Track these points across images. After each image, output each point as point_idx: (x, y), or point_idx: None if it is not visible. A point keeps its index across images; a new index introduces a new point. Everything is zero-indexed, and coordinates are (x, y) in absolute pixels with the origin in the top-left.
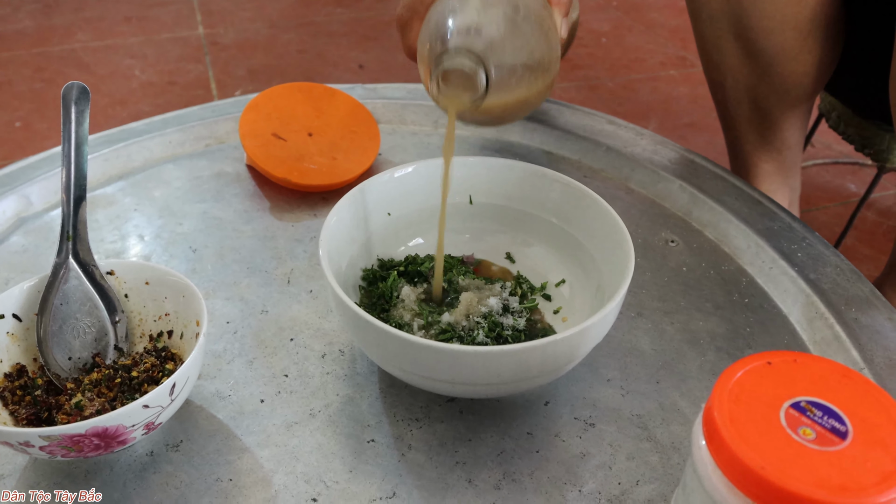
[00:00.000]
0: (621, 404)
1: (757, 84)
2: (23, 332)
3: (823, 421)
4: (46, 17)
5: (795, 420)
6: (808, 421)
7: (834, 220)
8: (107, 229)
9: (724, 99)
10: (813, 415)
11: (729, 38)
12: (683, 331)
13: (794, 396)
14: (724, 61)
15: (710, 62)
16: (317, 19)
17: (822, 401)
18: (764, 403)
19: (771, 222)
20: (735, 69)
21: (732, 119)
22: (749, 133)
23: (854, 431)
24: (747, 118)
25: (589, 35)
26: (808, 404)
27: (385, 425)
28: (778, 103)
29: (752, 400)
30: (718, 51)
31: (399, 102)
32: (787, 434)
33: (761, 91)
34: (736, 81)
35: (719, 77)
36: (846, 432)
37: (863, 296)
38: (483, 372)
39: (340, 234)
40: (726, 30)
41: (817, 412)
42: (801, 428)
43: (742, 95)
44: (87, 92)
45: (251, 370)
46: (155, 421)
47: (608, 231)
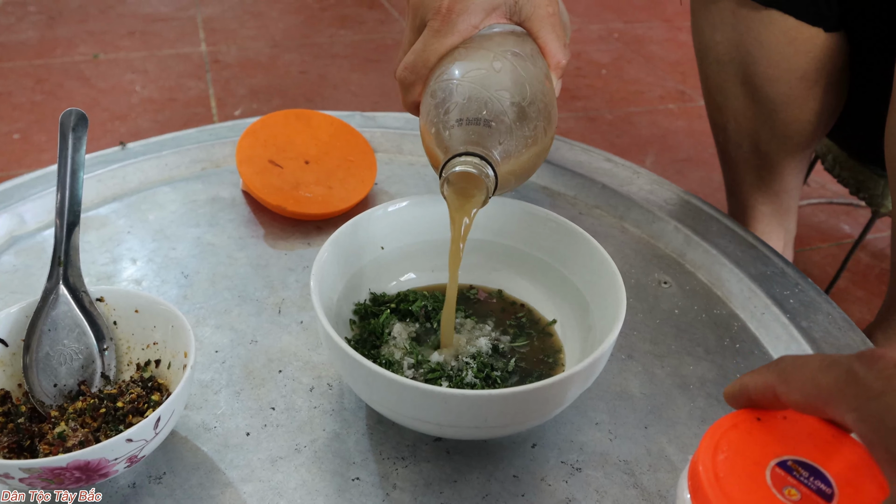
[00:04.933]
0: (609, 449)
1: (759, 129)
2: (9, 358)
3: (809, 482)
4: (50, 28)
5: (781, 479)
6: (794, 481)
7: (827, 261)
8: (99, 251)
9: (725, 141)
10: (799, 475)
11: (734, 83)
12: (674, 375)
13: (782, 455)
14: (728, 104)
15: (713, 104)
16: (319, 40)
17: (809, 461)
18: (750, 461)
19: (764, 267)
20: (738, 113)
21: (732, 161)
22: (748, 175)
23: (840, 494)
24: (747, 161)
25: (589, 66)
26: (795, 464)
27: (371, 463)
28: (779, 149)
29: (738, 456)
30: (723, 94)
31: (397, 132)
32: (772, 494)
33: (763, 136)
34: (738, 125)
35: (722, 119)
36: (832, 494)
37: (854, 345)
38: (469, 415)
39: (332, 268)
40: (732, 74)
41: (804, 472)
42: (787, 488)
43: (744, 139)
44: (85, 119)
45: (238, 402)
46: (138, 454)
47: (600, 273)
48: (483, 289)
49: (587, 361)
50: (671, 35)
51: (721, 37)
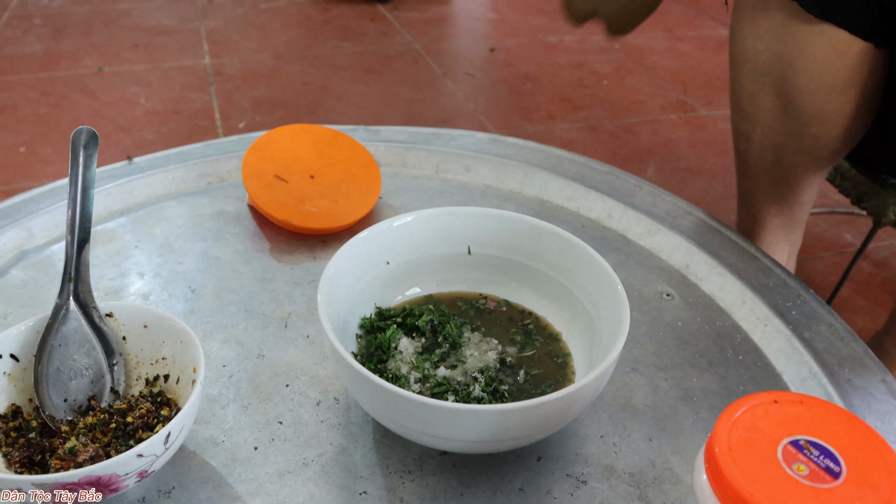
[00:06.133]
0: (614, 461)
1: (786, 142)
2: (20, 373)
3: (819, 460)
4: (55, 41)
5: (792, 456)
6: (804, 458)
7: (829, 270)
8: (106, 266)
9: (747, 150)
10: (809, 453)
11: (769, 94)
12: (677, 387)
13: (794, 435)
14: (758, 114)
15: (741, 112)
16: (322, 52)
17: (820, 441)
18: (764, 438)
19: (766, 278)
20: (767, 124)
21: (751, 170)
22: (765, 186)
23: (848, 472)
24: (767, 172)
25: (590, 76)
26: (807, 443)
27: (378, 477)
28: (802, 162)
29: (753, 434)
30: (754, 103)
31: (401, 146)
32: (781, 468)
33: (789, 149)
34: (765, 136)
35: (748, 128)
36: (840, 472)
37: (856, 356)
38: (474, 429)
39: (339, 283)
40: (768, 85)
41: (814, 451)
42: (796, 464)
43: (767, 150)
44: (95, 137)
45: (246, 416)
46: (148, 469)
47: (604, 287)
48: (492, 298)
49: (591, 376)
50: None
51: (764, 46)
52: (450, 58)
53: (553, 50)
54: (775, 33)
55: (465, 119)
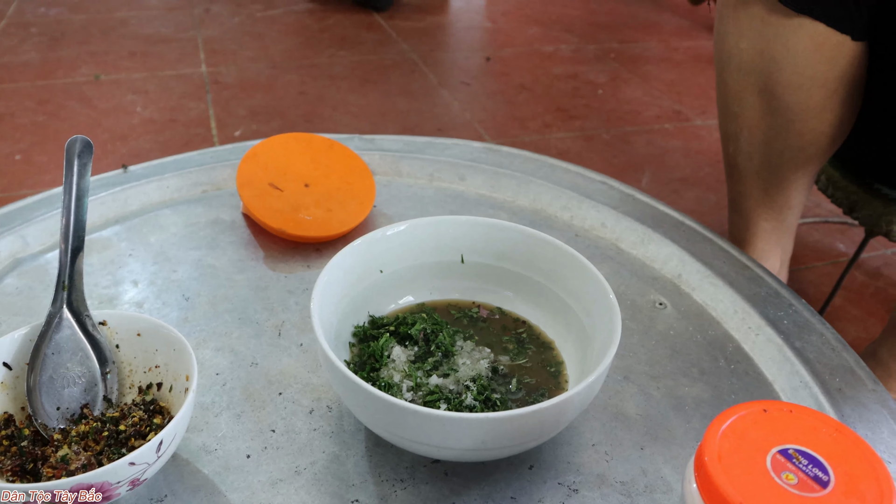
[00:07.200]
0: (605, 470)
1: (773, 139)
2: (12, 381)
3: (807, 469)
4: (52, 49)
5: (780, 465)
6: (793, 467)
7: (822, 280)
8: (101, 274)
9: (735, 152)
10: (798, 462)
11: (753, 92)
12: (669, 396)
13: (783, 444)
14: (744, 114)
15: (728, 113)
16: (318, 61)
17: (809, 450)
18: (753, 447)
19: (758, 288)
20: (753, 123)
21: (740, 173)
22: (754, 189)
23: (836, 482)
24: (756, 173)
25: (586, 86)
26: (796, 452)
27: (370, 485)
28: (790, 161)
29: (742, 442)
30: (740, 103)
31: (396, 154)
32: (770, 477)
33: (776, 147)
34: (752, 135)
35: (735, 128)
36: (828, 481)
37: (847, 366)
38: (466, 438)
39: (332, 292)
40: (752, 83)
41: (803, 460)
42: (785, 473)
43: (755, 150)
44: (90, 146)
45: (238, 424)
46: (141, 477)
47: (597, 296)
48: (485, 306)
49: (583, 385)
50: (667, 55)
51: (746, 44)
52: (446, 67)
53: (548, 59)
54: (757, 30)
55: (461, 128)
